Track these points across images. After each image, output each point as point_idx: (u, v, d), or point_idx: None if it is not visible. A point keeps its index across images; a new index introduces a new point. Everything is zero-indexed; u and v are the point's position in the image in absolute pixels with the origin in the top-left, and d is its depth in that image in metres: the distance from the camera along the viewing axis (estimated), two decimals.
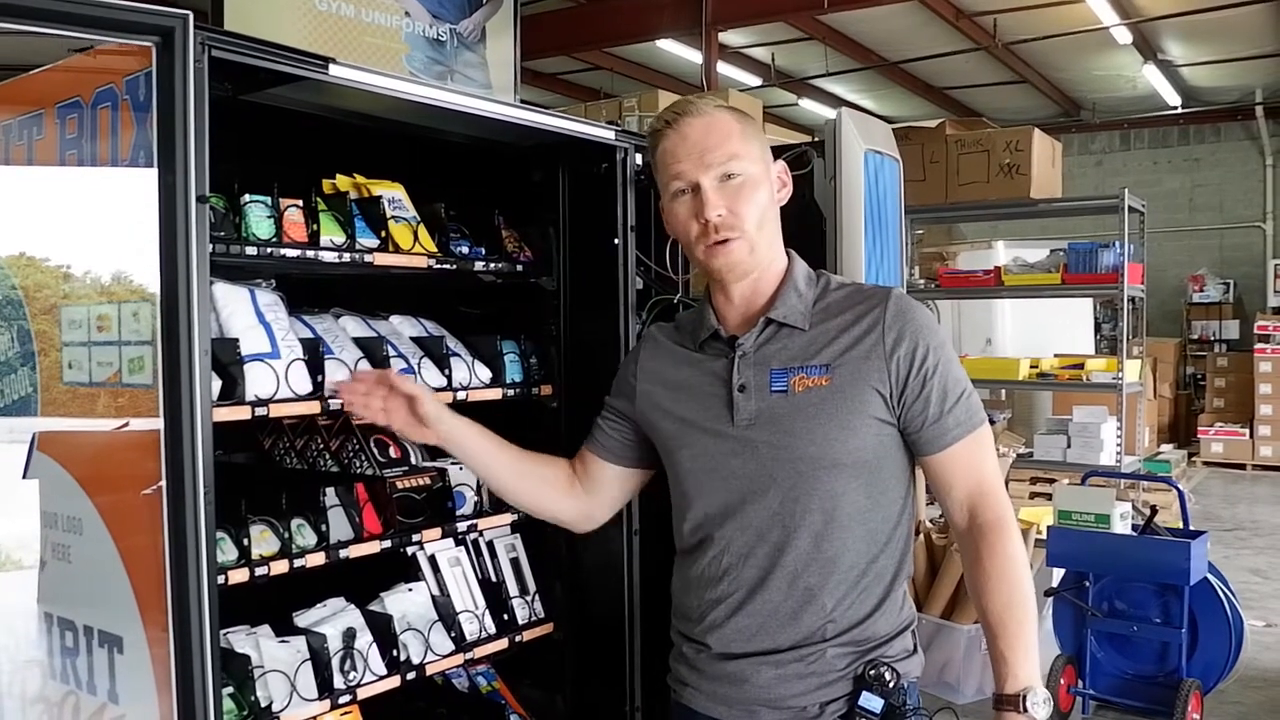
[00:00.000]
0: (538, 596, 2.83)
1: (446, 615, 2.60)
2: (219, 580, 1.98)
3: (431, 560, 2.69)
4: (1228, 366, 11.55)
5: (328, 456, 2.63)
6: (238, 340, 2.15)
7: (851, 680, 1.55)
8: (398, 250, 2.46)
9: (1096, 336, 10.18)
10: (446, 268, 2.58)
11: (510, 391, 2.71)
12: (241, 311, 2.23)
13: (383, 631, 2.44)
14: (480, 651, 2.64)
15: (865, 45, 10.47)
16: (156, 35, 1.80)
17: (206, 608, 1.84)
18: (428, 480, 2.59)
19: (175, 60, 1.80)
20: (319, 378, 2.27)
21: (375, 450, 2.59)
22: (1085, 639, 4.03)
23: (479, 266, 2.68)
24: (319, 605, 2.49)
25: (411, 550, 2.64)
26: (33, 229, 2.16)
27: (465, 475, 2.65)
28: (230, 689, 2.11)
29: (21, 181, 2.28)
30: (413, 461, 2.69)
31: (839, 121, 2.92)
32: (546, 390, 2.80)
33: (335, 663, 2.31)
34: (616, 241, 2.73)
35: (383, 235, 2.45)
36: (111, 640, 1.96)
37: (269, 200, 2.23)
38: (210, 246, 1.91)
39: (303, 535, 2.30)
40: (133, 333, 1.94)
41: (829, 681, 1.55)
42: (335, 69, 2.10)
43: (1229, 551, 6.94)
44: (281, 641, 2.30)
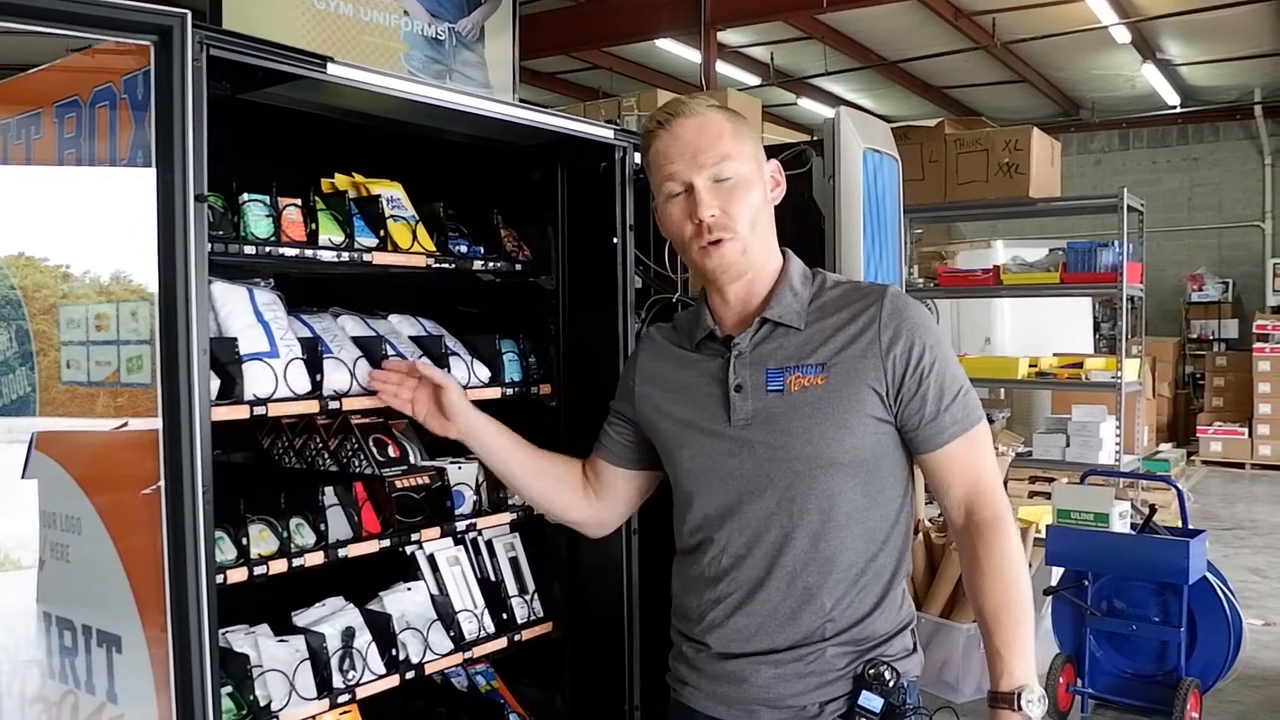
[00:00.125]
0: (537, 596, 2.83)
1: (445, 614, 2.60)
2: (218, 579, 1.98)
3: (430, 559, 2.69)
4: (1226, 366, 11.55)
5: (326, 456, 2.63)
6: (236, 339, 2.15)
7: (851, 679, 1.55)
8: (396, 249, 2.46)
9: (1095, 336, 10.19)
10: (445, 267, 2.58)
11: (509, 391, 2.70)
12: (240, 311, 2.23)
13: (382, 631, 2.44)
14: (479, 651, 2.64)
15: (864, 44, 10.47)
16: (154, 34, 1.79)
17: (205, 607, 1.84)
18: (427, 479, 2.58)
19: (173, 59, 1.79)
20: (318, 377, 2.26)
21: (374, 449, 2.58)
22: (1084, 638, 4.03)
23: (478, 266, 2.68)
24: (318, 605, 2.48)
25: (410, 549, 2.64)
26: (31, 229, 2.16)
27: (464, 475, 2.65)
28: (229, 688, 2.11)
29: (20, 181, 2.28)
30: (412, 461, 2.68)
31: (838, 120, 2.92)
32: (545, 389, 2.80)
33: (334, 662, 2.31)
34: (615, 241, 2.72)
35: (381, 234, 2.45)
36: (110, 640, 1.96)
37: (267, 199, 2.23)
38: (208, 245, 1.91)
39: (301, 534, 2.30)
40: (131, 332, 1.94)
41: (828, 681, 1.55)
42: (333, 68, 2.10)
43: (1228, 550, 6.94)
44: (280, 641, 2.30)
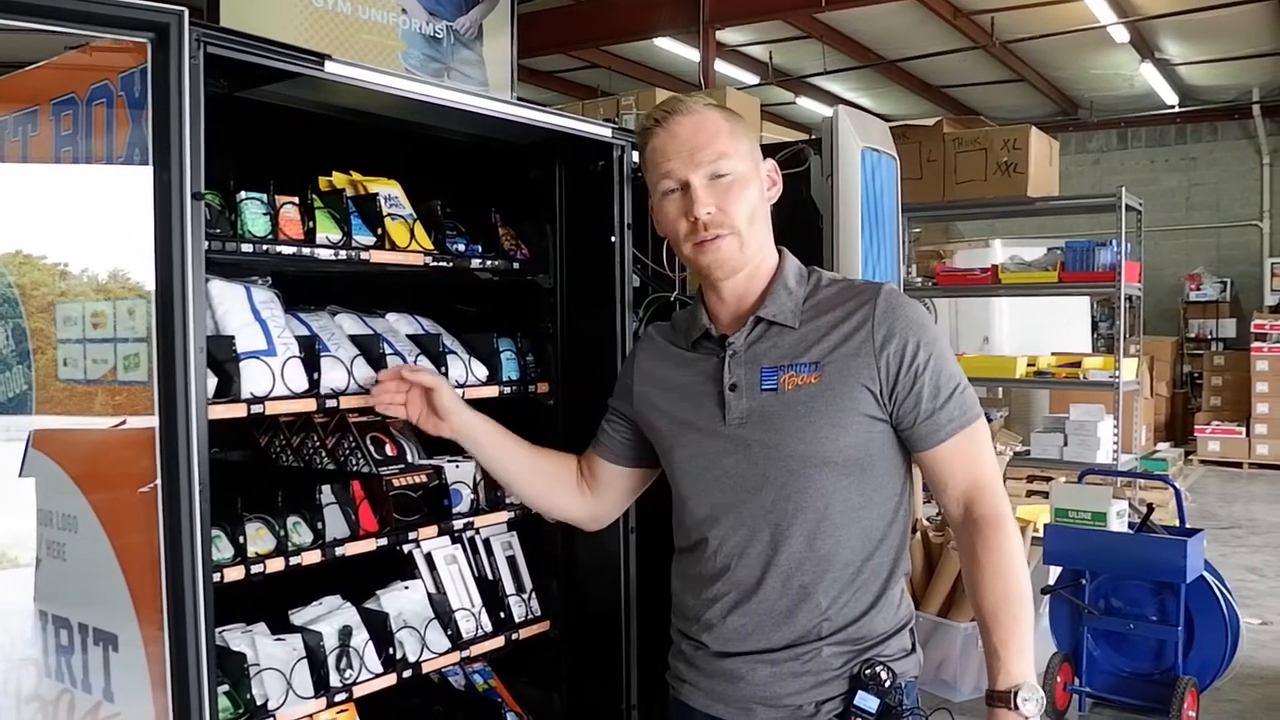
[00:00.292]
0: (534, 594, 2.82)
1: (443, 613, 2.60)
2: (214, 578, 1.97)
3: (428, 558, 2.69)
4: (1224, 365, 11.56)
5: (324, 454, 2.63)
6: (233, 338, 2.14)
7: (847, 679, 1.55)
8: (394, 248, 2.46)
9: (1093, 335, 10.20)
10: (443, 265, 2.58)
11: (507, 389, 2.70)
12: (237, 309, 2.23)
13: (379, 629, 2.44)
14: (477, 649, 2.64)
15: (863, 43, 10.47)
16: (152, 31, 1.79)
17: (202, 605, 1.84)
18: (424, 478, 2.58)
19: (171, 57, 1.79)
20: (315, 375, 2.26)
21: (371, 448, 2.58)
22: (1082, 637, 4.03)
23: (475, 264, 2.67)
24: (315, 603, 2.48)
25: (408, 548, 2.64)
26: (28, 226, 2.15)
27: (462, 473, 2.65)
28: (226, 687, 2.10)
29: (17, 179, 2.28)
30: (409, 459, 2.68)
31: (836, 119, 2.92)
32: (543, 388, 2.80)
33: (331, 661, 2.30)
34: (613, 239, 2.72)
35: (379, 233, 2.45)
36: (106, 638, 1.96)
37: (265, 197, 2.23)
38: (206, 244, 1.90)
39: (299, 533, 2.29)
40: (128, 330, 1.94)
41: (825, 680, 1.55)
42: (331, 66, 2.10)
43: (1225, 549, 6.95)
44: (277, 639, 2.30)
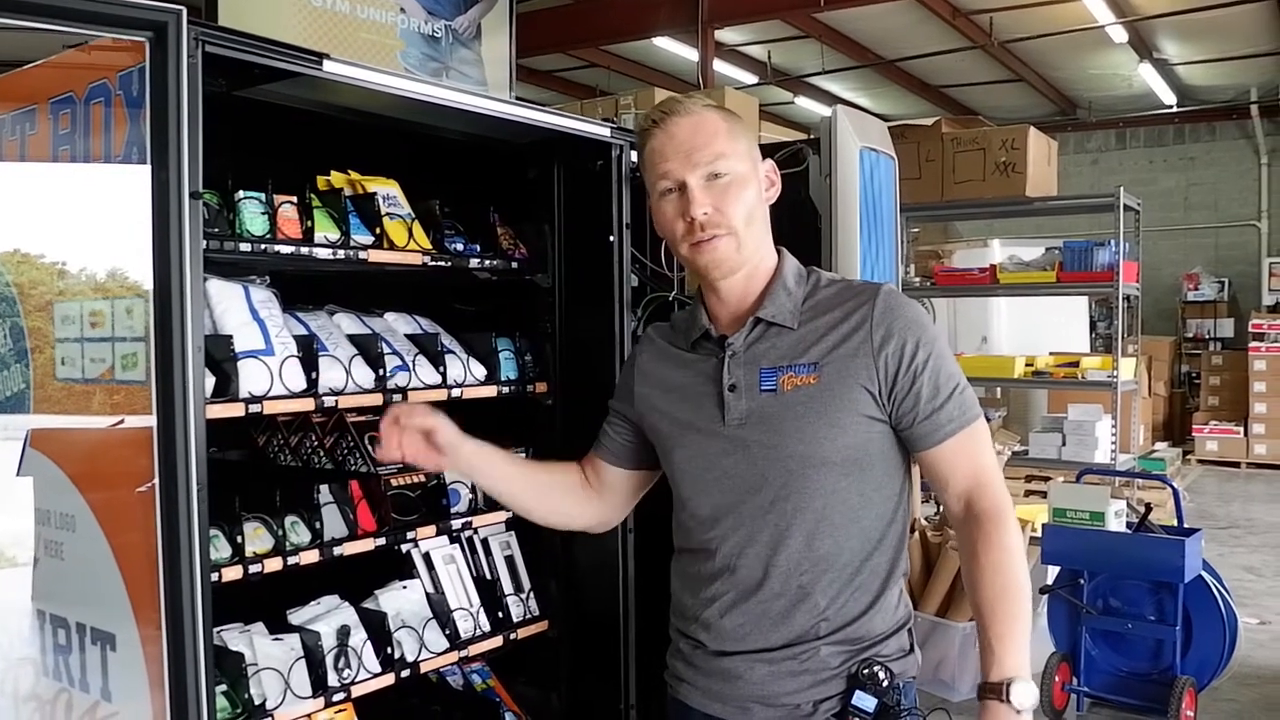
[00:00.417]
0: (532, 594, 2.82)
1: (441, 613, 2.60)
2: (212, 578, 1.98)
3: (426, 558, 2.69)
4: (1222, 365, 11.56)
5: (322, 454, 2.63)
6: (231, 337, 2.14)
7: (845, 679, 1.54)
8: (392, 247, 2.46)
9: (1092, 335, 10.19)
10: (441, 265, 2.58)
11: (505, 389, 2.70)
12: (235, 308, 2.23)
13: (377, 629, 2.44)
14: (475, 649, 2.64)
15: (861, 43, 10.46)
16: (150, 30, 1.79)
17: (200, 605, 1.84)
18: (422, 478, 2.58)
19: (169, 56, 1.79)
20: (313, 375, 2.26)
21: (370, 447, 2.58)
22: (1080, 636, 4.03)
23: (474, 264, 2.67)
24: (313, 603, 2.48)
25: (406, 548, 2.64)
26: (26, 225, 2.15)
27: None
28: (224, 687, 2.10)
29: (14, 178, 2.27)
30: None
31: (834, 119, 2.92)
32: (541, 388, 2.80)
33: (329, 660, 2.30)
34: (612, 239, 2.72)
35: (377, 232, 2.44)
36: (104, 638, 1.96)
37: (263, 197, 2.23)
38: (204, 243, 1.90)
39: (297, 532, 2.29)
40: (126, 329, 1.94)
41: (823, 680, 1.55)
42: (329, 65, 2.10)
43: (1223, 549, 6.95)
44: (275, 639, 2.30)
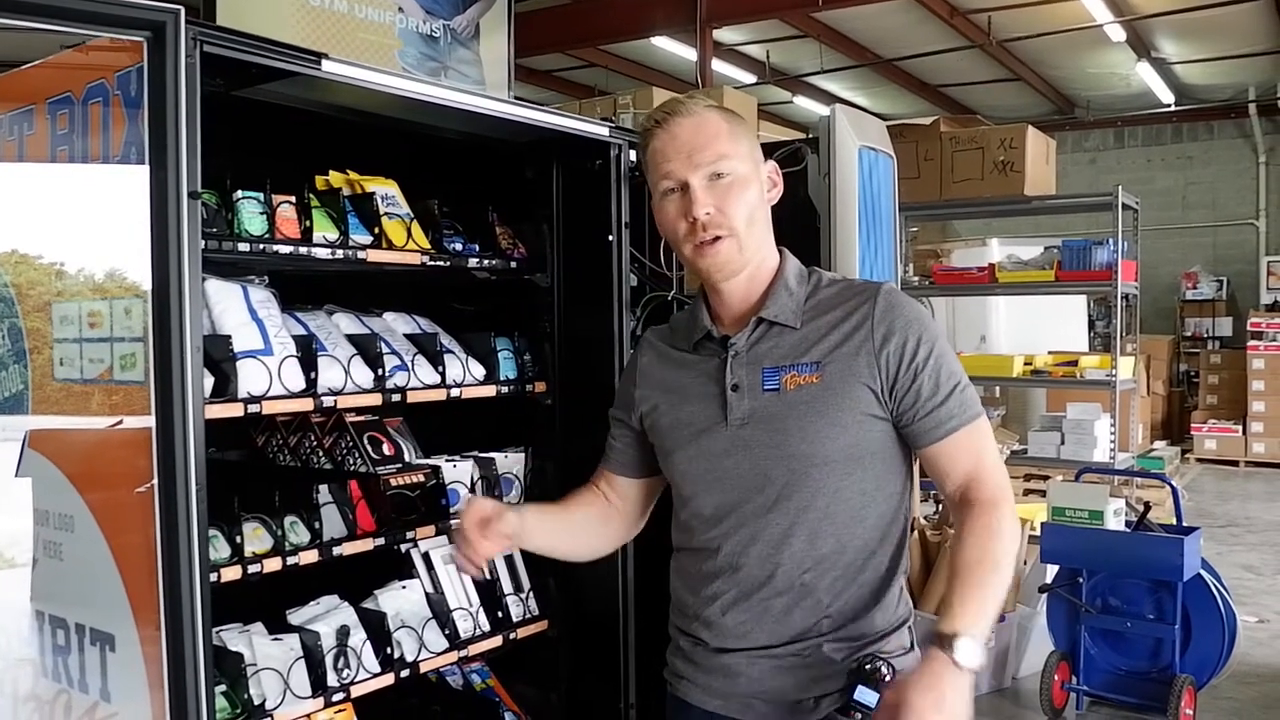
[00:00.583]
0: (532, 594, 2.82)
1: (440, 613, 2.60)
2: (212, 578, 1.97)
3: (425, 557, 2.68)
4: (1221, 363, 11.57)
5: (321, 454, 2.62)
6: (230, 337, 2.14)
7: (847, 674, 1.55)
8: (391, 247, 2.46)
9: (1090, 333, 10.19)
10: (440, 264, 2.58)
11: (504, 389, 2.70)
12: (234, 308, 2.23)
13: (376, 629, 2.44)
14: (474, 649, 2.63)
15: (860, 43, 10.46)
16: (148, 30, 1.79)
17: (199, 605, 1.84)
18: (421, 477, 2.58)
19: (167, 55, 1.79)
20: (312, 375, 2.26)
21: (369, 447, 2.58)
22: (1079, 635, 4.03)
23: (473, 263, 2.67)
24: (312, 603, 2.48)
25: (405, 548, 2.64)
26: (24, 226, 2.15)
27: (459, 472, 2.65)
28: (223, 687, 2.10)
29: (12, 178, 2.27)
30: (406, 459, 2.68)
31: (833, 118, 2.92)
32: (540, 387, 2.79)
33: (329, 660, 2.30)
34: (611, 238, 2.72)
35: (376, 232, 2.44)
36: (103, 638, 1.95)
37: (261, 196, 2.23)
38: (202, 243, 1.90)
39: (296, 533, 2.29)
40: (124, 329, 1.94)
41: (825, 675, 1.55)
42: (328, 65, 2.10)
43: (1222, 548, 6.96)
44: (275, 639, 2.30)
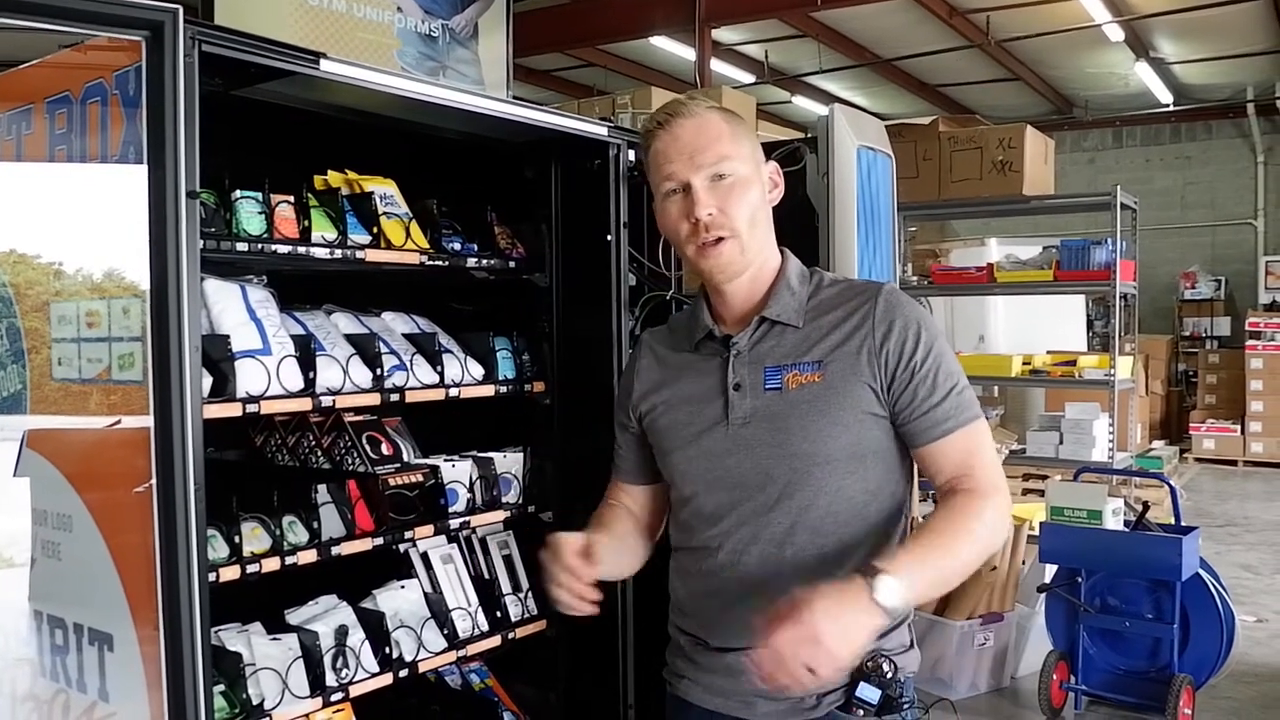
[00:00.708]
0: (531, 594, 2.82)
1: (439, 612, 2.60)
2: (210, 578, 1.97)
3: (424, 557, 2.69)
4: (1219, 363, 11.57)
5: (319, 453, 2.62)
6: (229, 337, 2.14)
7: (849, 671, 1.55)
8: (390, 247, 2.45)
9: (1089, 333, 10.19)
10: (439, 264, 2.58)
11: (503, 388, 2.70)
12: (232, 308, 2.23)
13: (375, 629, 2.44)
14: (473, 649, 2.64)
15: (858, 42, 10.46)
16: (146, 30, 1.79)
17: (197, 605, 1.83)
18: (420, 477, 2.58)
19: (165, 55, 1.79)
20: (310, 374, 2.26)
21: (367, 447, 2.58)
22: (1077, 635, 4.03)
23: (471, 263, 2.67)
24: (311, 603, 2.48)
25: (404, 547, 2.64)
26: (22, 226, 2.15)
27: (458, 472, 2.64)
28: (222, 687, 2.10)
29: (10, 177, 2.27)
30: (405, 458, 2.68)
31: (831, 118, 2.92)
32: (539, 387, 2.79)
33: (327, 660, 2.30)
34: (609, 238, 2.72)
35: (375, 231, 2.44)
36: (102, 638, 1.95)
37: (260, 196, 2.23)
38: (201, 242, 1.90)
39: (294, 532, 2.29)
40: (123, 329, 1.94)
41: None
42: (326, 64, 2.10)
43: (1220, 547, 6.96)
44: (273, 639, 2.30)
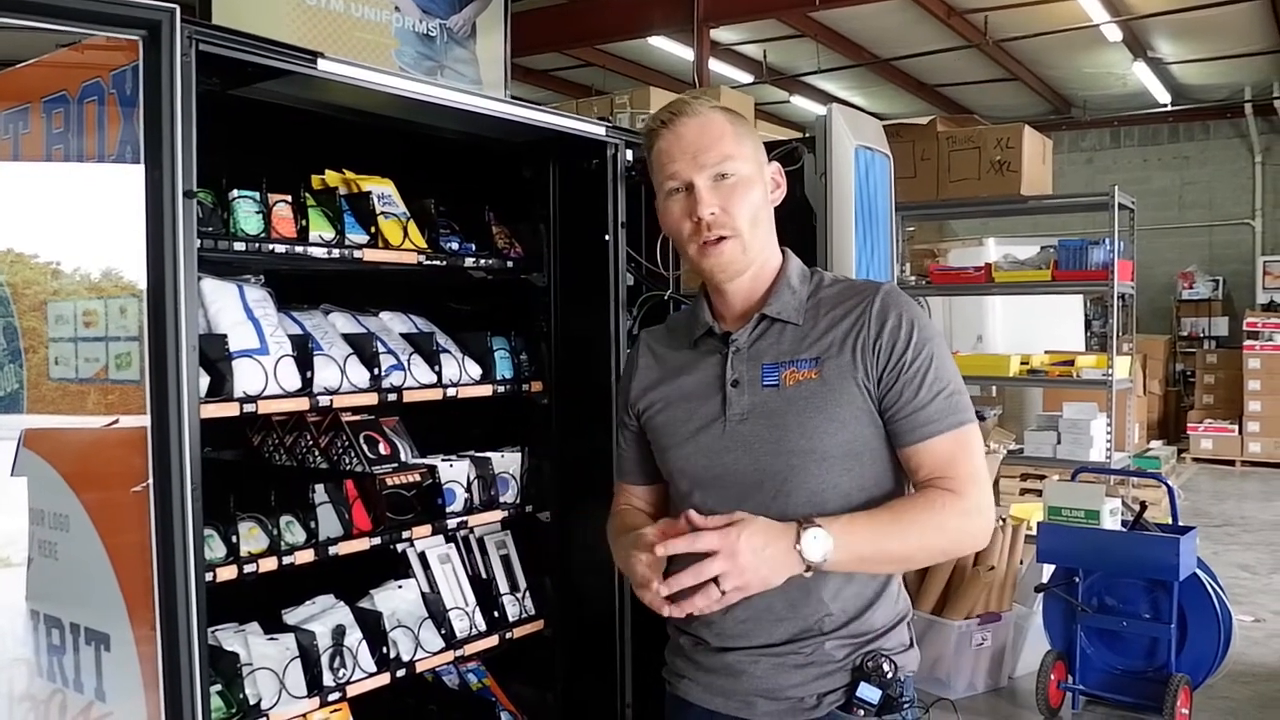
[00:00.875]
0: (528, 593, 2.82)
1: (436, 612, 2.60)
2: (207, 577, 1.97)
3: (421, 557, 2.68)
4: (1217, 363, 11.58)
5: (317, 453, 2.62)
6: (226, 336, 2.14)
7: (849, 671, 1.55)
8: (387, 246, 2.45)
9: (1086, 333, 10.19)
10: (436, 264, 2.58)
11: (500, 388, 2.70)
12: (230, 307, 2.22)
13: (372, 629, 2.43)
14: (470, 649, 2.64)
15: (857, 42, 10.47)
16: (143, 29, 1.78)
17: (194, 605, 1.83)
18: (417, 477, 2.58)
19: (162, 54, 1.78)
20: (308, 374, 2.26)
21: (365, 447, 2.58)
22: (1075, 634, 4.03)
23: (469, 263, 2.67)
24: (308, 602, 2.48)
25: (401, 547, 2.64)
26: (19, 225, 2.15)
27: (455, 472, 2.64)
28: (219, 686, 2.10)
29: (7, 177, 2.27)
30: (402, 458, 2.68)
31: (830, 117, 2.92)
32: (537, 387, 2.79)
33: (324, 660, 2.30)
34: (607, 238, 2.72)
35: (372, 231, 2.44)
36: (98, 638, 1.95)
37: (257, 195, 2.22)
38: (198, 242, 1.90)
39: (292, 532, 2.29)
40: (120, 328, 1.93)
41: (827, 673, 1.55)
42: (324, 64, 2.09)
43: (1218, 547, 6.97)
44: (270, 639, 2.30)
